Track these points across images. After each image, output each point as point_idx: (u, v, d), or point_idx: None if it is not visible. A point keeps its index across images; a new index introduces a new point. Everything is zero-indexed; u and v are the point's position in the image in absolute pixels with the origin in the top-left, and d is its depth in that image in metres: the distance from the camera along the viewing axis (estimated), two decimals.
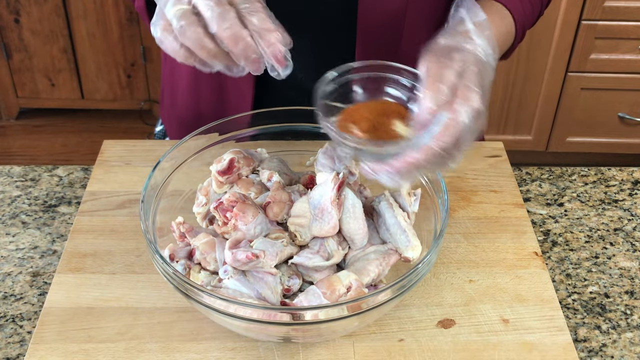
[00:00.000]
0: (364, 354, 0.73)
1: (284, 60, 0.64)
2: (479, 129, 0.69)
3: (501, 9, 0.83)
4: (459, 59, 0.68)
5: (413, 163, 0.65)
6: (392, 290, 0.67)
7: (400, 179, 0.66)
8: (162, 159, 0.80)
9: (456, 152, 0.67)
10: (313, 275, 0.73)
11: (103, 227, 0.87)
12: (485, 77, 0.70)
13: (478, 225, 0.89)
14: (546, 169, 1.01)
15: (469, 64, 0.68)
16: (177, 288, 0.68)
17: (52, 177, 0.98)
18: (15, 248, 0.88)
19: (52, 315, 0.76)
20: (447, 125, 0.65)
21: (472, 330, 0.76)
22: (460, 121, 0.65)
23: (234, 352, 0.73)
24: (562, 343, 0.74)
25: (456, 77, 0.67)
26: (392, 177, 0.66)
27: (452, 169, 0.72)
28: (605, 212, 0.94)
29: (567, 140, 2.46)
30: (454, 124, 0.65)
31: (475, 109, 0.66)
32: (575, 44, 2.23)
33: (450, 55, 0.68)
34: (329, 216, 0.72)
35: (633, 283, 0.84)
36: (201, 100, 1.05)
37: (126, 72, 2.61)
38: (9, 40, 2.52)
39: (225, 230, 0.73)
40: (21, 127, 2.74)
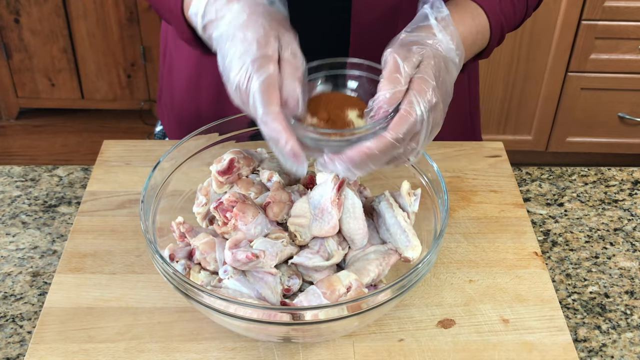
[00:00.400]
0: (364, 354, 0.73)
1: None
2: (436, 122, 0.70)
3: (475, 7, 0.83)
4: (417, 52, 0.70)
5: (367, 153, 0.66)
6: (392, 290, 0.67)
7: (355, 169, 0.67)
8: (162, 159, 0.80)
9: (413, 145, 0.69)
10: (313, 275, 0.73)
11: (103, 227, 0.87)
12: (443, 71, 0.71)
13: (478, 225, 0.89)
14: (546, 169, 1.01)
15: (427, 57, 0.70)
16: (177, 288, 0.68)
17: (52, 177, 0.98)
18: (15, 248, 0.88)
19: (52, 315, 0.76)
20: (400, 116, 0.67)
21: (472, 330, 0.76)
22: (414, 112, 0.66)
23: (234, 352, 0.73)
24: (562, 343, 0.74)
25: (412, 69, 0.69)
26: (346, 167, 0.67)
27: (412, 162, 0.73)
28: (605, 212, 0.94)
29: (567, 140, 2.46)
30: (407, 114, 0.66)
31: (429, 100, 0.68)
32: (575, 44, 2.23)
33: (410, 48, 0.70)
34: (329, 216, 0.73)
35: (633, 283, 0.84)
36: (201, 100, 1.05)
37: (126, 72, 2.61)
38: (9, 40, 2.52)
39: (225, 230, 0.73)
40: (21, 127, 2.74)
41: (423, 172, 0.81)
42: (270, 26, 0.69)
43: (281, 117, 0.65)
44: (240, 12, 0.71)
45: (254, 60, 0.66)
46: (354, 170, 0.67)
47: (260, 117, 0.66)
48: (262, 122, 0.66)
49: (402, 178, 0.80)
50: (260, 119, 0.66)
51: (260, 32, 0.68)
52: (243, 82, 0.67)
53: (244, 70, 0.67)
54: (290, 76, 0.67)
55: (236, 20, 0.70)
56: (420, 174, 0.82)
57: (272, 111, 0.65)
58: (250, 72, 0.66)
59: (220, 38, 0.72)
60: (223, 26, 0.71)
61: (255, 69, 0.66)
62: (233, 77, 0.68)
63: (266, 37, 0.68)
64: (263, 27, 0.69)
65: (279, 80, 0.67)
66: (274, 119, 0.65)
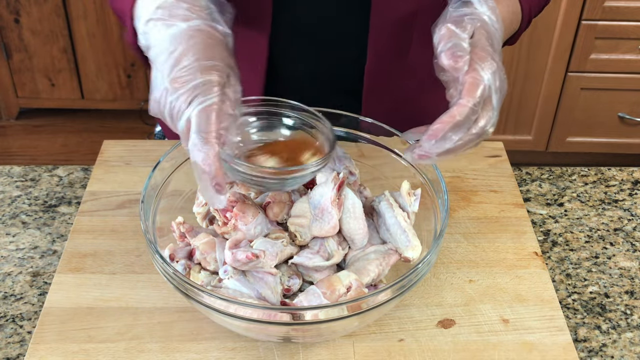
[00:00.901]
0: (364, 354, 0.73)
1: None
2: (502, 88, 0.70)
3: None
4: (469, 22, 0.70)
5: (450, 122, 0.66)
6: (392, 290, 0.67)
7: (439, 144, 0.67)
8: (162, 159, 0.80)
9: (489, 112, 0.69)
10: (313, 275, 0.73)
11: (103, 227, 0.87)
12: (494, 40, 0.72)
13: (478, 225, 0.88)
14: (546, 169, 1.01)
15: (479, 28, 0.70)
16: (177, 288, 0.68)
17: (52, 177, 0.98)
18: (15, 248, 0.88)
19: (52, 315, 0.76)
20: (470, 82, 0.67)
21: (472, 330, 0.76)
22: (480, 77, 0.67)
23: (234, 352, 0.73)
24: (562, 343, 0.74)
25: (470, 35, 0.69)
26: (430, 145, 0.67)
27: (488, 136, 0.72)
28: (605, 212, 0.94)
29: (567, 140, 2.45)
30: (475, 80, 0.67)
31: (491, 65, 0.68)
32: (575, 44, 2.23)
33: (461, 19, 0.70)
34: (329, 216, 0.72)
35: (633, 283, 0.84)
36: None
37: (126, 72, 2.61)
38: (9, 40, 2.52)
39: (225, 230, 0.73)
40: (21, 127, 2.74)
41: (423, 172, 0.81)
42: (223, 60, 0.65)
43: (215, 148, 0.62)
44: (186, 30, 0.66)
45: (203, 83, 0.63)
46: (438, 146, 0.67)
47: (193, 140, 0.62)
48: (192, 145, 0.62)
49: (402, 178, 0.80)
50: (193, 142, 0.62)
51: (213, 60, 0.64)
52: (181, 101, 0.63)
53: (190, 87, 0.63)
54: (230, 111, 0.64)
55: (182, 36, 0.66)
56: (420, 174, 0.82)
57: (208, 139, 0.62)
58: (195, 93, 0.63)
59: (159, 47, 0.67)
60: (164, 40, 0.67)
61: (203, 92, 0.63)
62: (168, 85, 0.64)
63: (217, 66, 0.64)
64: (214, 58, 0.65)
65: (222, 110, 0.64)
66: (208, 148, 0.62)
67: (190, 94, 0.63)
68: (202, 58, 0.64)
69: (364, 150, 0.87)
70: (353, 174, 0.81)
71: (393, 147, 0.85)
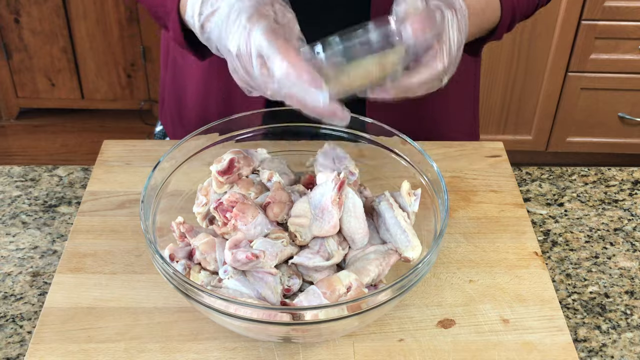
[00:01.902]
0: (364, 354, 0.73)
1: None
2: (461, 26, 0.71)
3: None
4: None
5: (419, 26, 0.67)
6: (392, 290, 0.67)
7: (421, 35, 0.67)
8: (162, 159, 0.80)
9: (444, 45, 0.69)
10: (313, 275, 0.73)
11: (103, 227, 0.87)
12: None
13: (478, 225, 0.89)
14: (546, 169, 1.01)
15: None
16: (177, 288, 0.68)
17: (52, 177, 0.98)
18: (15, 248, 0.88)
19: (52, 315, 0.76)
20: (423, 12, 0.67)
21: (472, 330, 0.76)
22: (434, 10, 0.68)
23: (234, 352, 0.73)
24: (562, 343, 0.74)
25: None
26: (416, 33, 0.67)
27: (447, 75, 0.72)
28: (605, 212, 0.94)
29: (567, 140, 2.46)
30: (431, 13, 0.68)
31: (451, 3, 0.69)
32: (575, 44, 2.23)
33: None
34: (330, 215, 0.73)
35: (633, 283, 0.84)
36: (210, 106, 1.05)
37: (126, 72, 2.61)
38: (9, 40, 2.52)
39: (225, 230, 0.73)
40: (21, 127, 2.74)
41: (423, 172, 0.81)
42: (264, 2, 0.68)
43: (293, 52, 0.63)
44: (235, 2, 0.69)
45: (250, 17, 0.65)
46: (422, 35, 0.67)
47: (274, 61, 0.63)
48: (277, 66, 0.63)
49: (402, 178, 0.80)
50: (275, 62, 0.63)
51: (254, 2, 0.67)
52: (242, 42, 0.65)
53: (241, 28, 0.65)
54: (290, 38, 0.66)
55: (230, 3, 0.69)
56: (420, 174, 0.82)
57: (283, 49, 0.63)
58: (248, 28, 0.64)
59: (216, 26, 0.71)
60: (218, 16, 0.70)
61: (254, 23, 0.64)
62: (231, 43, 0.66)
63: (261, 3, 0.67)
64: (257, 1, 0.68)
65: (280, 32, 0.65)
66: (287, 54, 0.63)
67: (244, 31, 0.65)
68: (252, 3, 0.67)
69: (364, 150, 0.87)
70: (353, 174, 0.81)
71: (393, 147, 0.85)
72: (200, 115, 1.06)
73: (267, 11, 0.68)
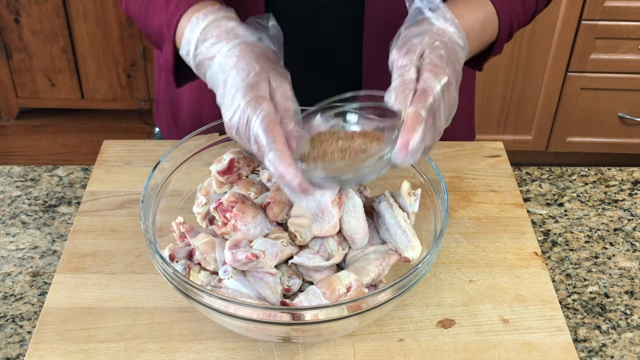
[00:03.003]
0: (364, 354, 0.73)
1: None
2: (452, 101, 0.70)
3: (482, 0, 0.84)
4: (417, 43, 0.71)
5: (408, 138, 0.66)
6: (392, 290, 0.67)
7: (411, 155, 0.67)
8: (162, 159, 0.80)
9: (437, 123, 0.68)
10: (313, 275, 0.73)
11: (103, 227, 0.87)
12: (449, 53, 0.71)
13: (478, 225, 0.89)
14: (546, 169, 1.01)
15: (429, 45, 0.70)
16: (177, 288, 0.68)
17: (52, 177, 0.98)
18: (15, 248, 0.88)
19: (52, 315, 0.76)
20: (420, 93, 0.67)
21: (472, 330, 0.76)
22: (430, 88, 0.67)
23: (234, 352, 0.73)
24: (562, 343, 0.74)
25: (417, 59, 0.70)
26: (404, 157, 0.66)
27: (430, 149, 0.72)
28: (605, 212, 0.94)
29: (567, 140, 2.45)
30: (425, 90, 0.67)
31: (441, 77, 0.68)
32: (575, 44, 2.23)
33: (411, 42, 0.71)
34: (330, 215, 0.73)
35: (633, 283, 0.84)
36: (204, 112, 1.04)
37: (126, 72, 2.61)
38: (9, 40, 2.52)
39: (225, 230, 0.73)
40: (21, 127, 2.74)
41: (423, 172, 0.81)
42: (262, 68, 0.69)
43: (287, 154, 0.65)
44: (228, 52, 0.70)
45: (248, 102, 0.66)
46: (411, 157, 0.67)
47: (268, 156, 0.65)
48: (269, 162, 0.65)
49: (402, 178, 0.80)
50: (269, 158, 0.65)
51: (251, 75, 0.68)
52: (242, 125, 0.67)
53: (240, 112, 0.67)
54: (285, 116, 0.67)
55: (226, 61, 0.70)
56: (420, 174, 0.82)
57: (277, 149, 0.64)
58: (247, 113, 0.66)
59: (212, 80, 0.72)
60: (214, 67, 0.71)
61: (252, 109, 0.66)
62: (229, 120, 0.68)
63: (256, 78, 0.68)
64: (254, 70, 0.68)
65: (277, 116, 0.67)
66: (280, 157, 0.64)
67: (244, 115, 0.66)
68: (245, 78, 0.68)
69: None
70: None
71: None
72: (194, 119, 1.06)
73: (263, 90, 0.68)
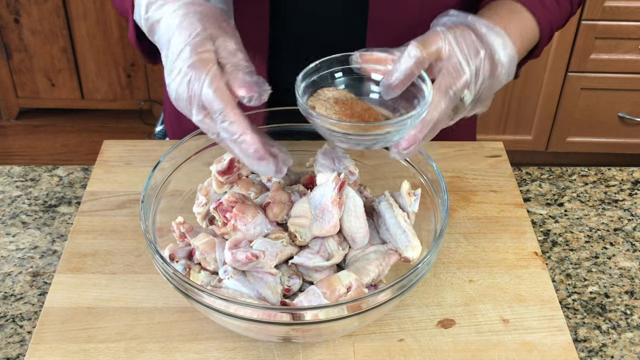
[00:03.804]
0: (364, 354, 0.73)
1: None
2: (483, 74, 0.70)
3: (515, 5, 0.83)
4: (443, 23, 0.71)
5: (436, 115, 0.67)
6: (392, 290, 0.67)
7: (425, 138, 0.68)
8: (162, 159, 0.80)
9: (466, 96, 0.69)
10: (313, 275, 0.73)
11: (103, 227, 0.87)
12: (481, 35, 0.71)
13: (478, 225, 0.89)
14: (546, 169, 1.01)
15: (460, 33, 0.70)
16: (177, 288, 0.68)
17: (52, 177, 0.98)
18: (15, 248, 0.88)
19: (52, 315, 0.76)
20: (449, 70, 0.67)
21: (472, 330, 0.76)
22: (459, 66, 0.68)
23: (234, 352, 0.73)
24: (562, 343, 0.74)
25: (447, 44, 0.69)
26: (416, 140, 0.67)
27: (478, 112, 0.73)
28: (605, 212, 0.94)
29: (567, 140, 2.46)
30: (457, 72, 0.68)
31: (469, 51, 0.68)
32: (575, 44, 2.23)
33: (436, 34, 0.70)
34: (330, 215, 0.73)
35: (633, 283, 0.84)
36: None
37: (126, 72, 2.61)
38: (9, 40, 2.52)
39: (225, 230, 0.73)
40: (21, 127, 2.74)
41: (423, 172, 0.81)
42: (204, 27, 0.67)
43: (241, 119, 0.64)
44: (172, 14, 0.69)
45: (192, 65, 0.64)
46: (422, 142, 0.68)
47: (222, 125, 0.64)
48: (223, 130, 0.64)
49: (402, 178, 0.80)
50: (223, 126, 0.64)
51: (192, 35, 0.66)
52: (183, 90, 0.65)
53: (181, 76, 0.65)
54: (234, 71, 0.65)
55: (170, 22, 0.68)
56: (420, 174, 0.82)
57: (232, 114, 0.63)
58: (190, 77, 0.64)
59: (159, 43, 0.70)
60: (161, 29, 0.70)
61: (196, 73, 0.64)
62: (170, 83, 0.66)
63: (199, 39, 0.66)
64: (195, 30, 0.66)
65: (224, 78, 0.65)
66: (234, 121, 0.63)
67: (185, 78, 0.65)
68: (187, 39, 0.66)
69: (364, 150, 0.87)
70: (353, 174, 0.81)
71: None
72: None
73: (207, 51, 0.65)
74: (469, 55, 0.69)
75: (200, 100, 0.64)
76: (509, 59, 0.73)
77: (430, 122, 0.68)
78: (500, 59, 0.72)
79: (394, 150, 0.69)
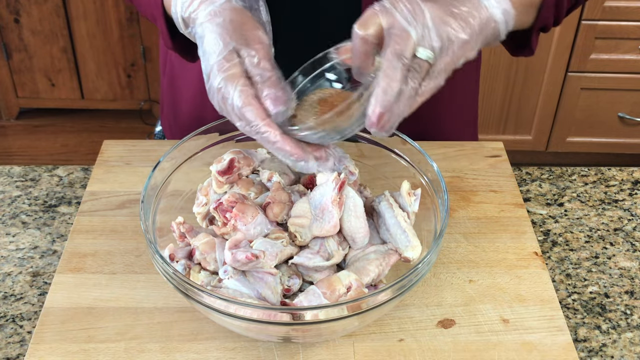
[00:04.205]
0: (364, 354, 0.73)
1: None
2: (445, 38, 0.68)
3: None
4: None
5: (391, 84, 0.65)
6: (392, 290, 0.67)
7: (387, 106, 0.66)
8: (162, 159, 0.80)
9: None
10: (313, 275, 0.73)
11: (103, 227, 0.87)
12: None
13: (478, 225, 0.89)
14: (546, 169, 1.01)
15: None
16: (177, 288, 0.68)
17: (52, 177, 0.98)
18: (15, 248, 0.88)
19: (52, 315, 0.76)
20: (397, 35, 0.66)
21: (472, 330, 0.76)
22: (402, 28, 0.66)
23: (234, 352, 0.73)
24: (562, 343, 0.74)
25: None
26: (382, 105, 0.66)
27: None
28: (605, 212, 0.94)
29: (567, 140, 2.46)
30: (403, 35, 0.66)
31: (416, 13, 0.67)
32: (575, 44, 2.23)
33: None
34: (330, 215, 0.73)
35: (633, 283, 0.84)
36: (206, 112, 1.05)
37: (126, 72, 2.61)
38: (9, 40, 2.52)
39: (225, 230, 0.73)
40: (21, 127, 2.75)
41: (423, 172, 0.81)
42: (225, 44, 0.70)
43: (273, 127, 0.68)
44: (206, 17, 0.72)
45: (221, 83, 0.68)
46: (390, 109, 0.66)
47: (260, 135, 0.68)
48: (262, 139, 0.68)
49: (402, 178, 0.80)
50: (261, 137, 0.68)
51: (217, 52, 0.70)
52: (222, 107, 0.70)
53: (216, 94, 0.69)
54: (260, 83, 0.69)
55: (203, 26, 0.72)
56: (420, 174, 0.82)
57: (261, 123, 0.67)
58: (222, 94, 0.68)
59: (198, 41, 0.73)
60: (197, 28, 0.73)
61: (225, 91, 0.68)
62: (212, 100, 0.70)
63: (223, 58, 0.69)
64: (219, 46, 0.70)
65: (252, 90, 0.68)
66: (267, 131, 0.67)
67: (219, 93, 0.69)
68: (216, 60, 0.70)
69: (364, 150, 0.87)
70: (353, 174, 0.81)
71: (393, 147, 0.85)
72: (196, 120, 1.06)
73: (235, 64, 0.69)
74: (411, 13, 0.68)
75: (235, 114, 0.69)
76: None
77: (389, 88, 0.66)
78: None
79: (370, 127, 0.68)
